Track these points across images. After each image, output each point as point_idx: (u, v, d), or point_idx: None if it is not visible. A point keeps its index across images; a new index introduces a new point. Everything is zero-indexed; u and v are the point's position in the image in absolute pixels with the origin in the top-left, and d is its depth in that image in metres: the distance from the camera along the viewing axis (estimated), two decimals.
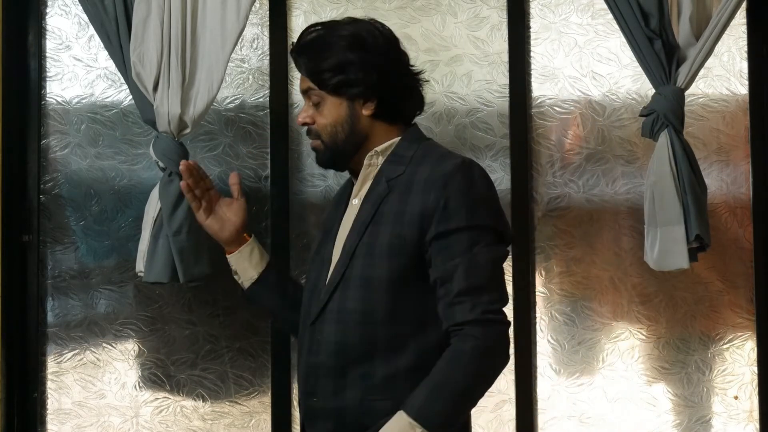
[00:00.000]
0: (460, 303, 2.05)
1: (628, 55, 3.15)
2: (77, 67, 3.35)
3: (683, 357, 3.25)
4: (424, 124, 2.16)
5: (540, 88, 3.30)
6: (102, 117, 3.34)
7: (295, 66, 2.25)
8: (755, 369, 3.22)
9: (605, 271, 3.28)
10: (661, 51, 2.95)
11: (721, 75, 3.27)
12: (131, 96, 3.08)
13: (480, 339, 2.03)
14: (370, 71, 2.15)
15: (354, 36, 2.17)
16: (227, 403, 3.30)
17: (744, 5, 3.09)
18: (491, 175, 2.19)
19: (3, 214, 3.22)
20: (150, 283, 3.08)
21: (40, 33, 3.34)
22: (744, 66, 3.25)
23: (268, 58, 3.31)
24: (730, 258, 3.25)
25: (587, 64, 3.30)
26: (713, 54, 3.01)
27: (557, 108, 3.30)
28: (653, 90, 3.00)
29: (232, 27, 3.01)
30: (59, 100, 3.34)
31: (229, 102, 3.33)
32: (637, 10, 2.96)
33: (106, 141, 3.33)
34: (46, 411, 3.31)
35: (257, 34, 3.33)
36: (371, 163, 2.20)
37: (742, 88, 3.26)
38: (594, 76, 3.30)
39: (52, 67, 3.35)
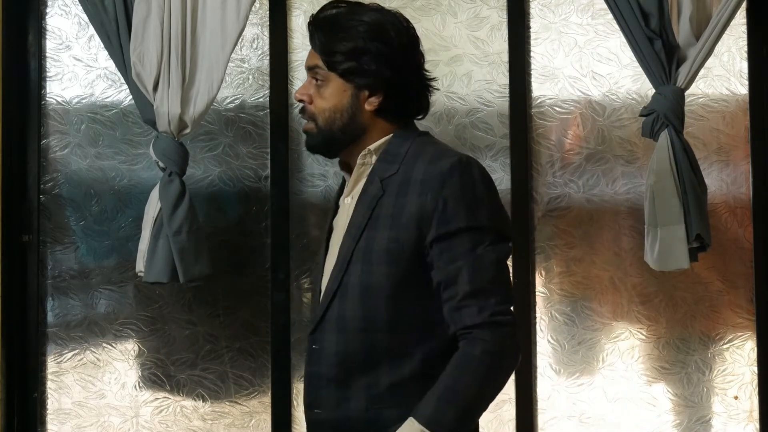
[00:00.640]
0: (467, 306, 2.00)
1: (628, 55, 3.15)
2: (77, 67, 3.35)
3: (683, 357, 3.25)
4: (424, 123, 2.15)
5: (540, 88, 3.30)
6: (102, 117, 3.34)
7: (309, 39, 2.12)
8: (755, 369, 3.22)
9: (605, 271, 3.27)
10: (661, 51, 2.95)
11: (721, 75, 3.26)
12: (131, 96, 3.09)
13: (489, 342, 2.00)
14: (384, 65, 2.06)
15: (377, 24, 2.07)
16: (227, 403, 3.30)
17: (744, 5, 3.08)
18: (491, 175, 2.13)
19: (3, 214, 3.22)
20: (150, 283, 3.08)
21: (40, 33, 3.34)
22: (744, 66, 3.25)
23: (268, 58, 3.31)
24: (730, 258, 3.25)
25: (587, 64, 3.29)
26: (713, 54, 3.01)
27: (557, 108, 3.30)
28: (653, 90, 3.00)
29: (232, 27, 3.01)
30: (59, 100, 3.34)
31: (229, 102, 3.33)
32: (637, 10, 2.95)
33: (106, 141, 3.33)
34: (46, 411, 3.31)
35: (257, 34, 3.33)
36: (364, 162, 2.12)
37: (742, 88, 3.26)
38: (594, 76, 3.29)
39: (52, 67, 3.34)
